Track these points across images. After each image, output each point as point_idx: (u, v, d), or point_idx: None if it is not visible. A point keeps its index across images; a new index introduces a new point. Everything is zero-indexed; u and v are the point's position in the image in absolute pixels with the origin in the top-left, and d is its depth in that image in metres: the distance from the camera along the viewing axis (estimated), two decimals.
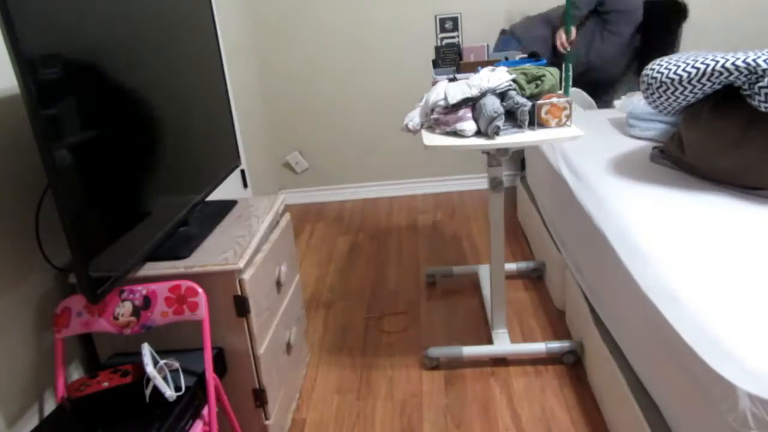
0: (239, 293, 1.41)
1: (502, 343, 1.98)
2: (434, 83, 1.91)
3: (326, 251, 2.95)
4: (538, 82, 1.67)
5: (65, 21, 1.12)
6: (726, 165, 1.67)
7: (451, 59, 2.24)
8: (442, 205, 3.42)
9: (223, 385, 1.41)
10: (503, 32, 3.14)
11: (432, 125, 1.77)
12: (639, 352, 1.41)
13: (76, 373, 1.45)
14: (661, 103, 1.75)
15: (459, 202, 3.44)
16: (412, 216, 3.29)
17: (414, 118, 1.84)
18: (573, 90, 2.86)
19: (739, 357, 1.03)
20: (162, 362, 1.24)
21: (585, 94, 2.90)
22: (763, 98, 1.50)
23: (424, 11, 3.28)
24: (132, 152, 1.33)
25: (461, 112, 1.67)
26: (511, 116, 1.66)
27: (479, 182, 3.60)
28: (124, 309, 1.28)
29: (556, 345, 1.91)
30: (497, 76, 1.68)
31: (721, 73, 1.56)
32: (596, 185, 1.86)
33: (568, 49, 2.78)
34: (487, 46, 2.21)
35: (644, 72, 1.75)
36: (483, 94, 1.65)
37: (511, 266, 2.48)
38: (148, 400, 1.20)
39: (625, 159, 2.05)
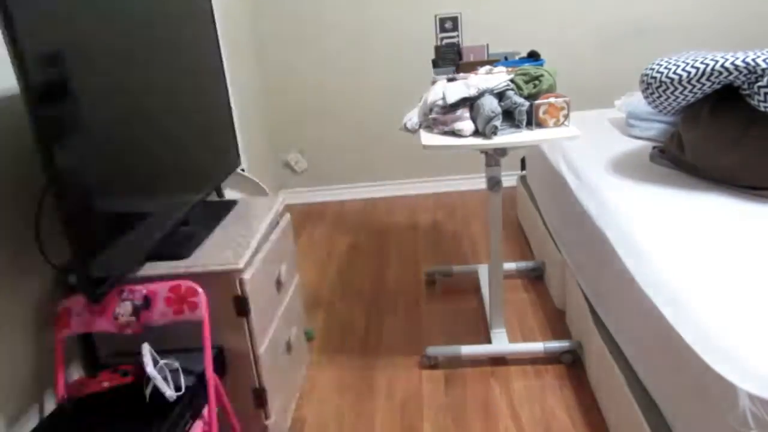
0: (239, 293, 1.41)
1: (501, 343, 1.98)
2: (434, 83, 1.91)
3: (326, 251, 2.95)
4: (536, 82, 1.67)
5: (65, 21, 1.12)
6: (726, 165, 1.67)
7: (450, 59, 2.24)
8: (442, 205, 3.42)
9: (223, 385, 1.41)
10: None
11: (430, 125, 1.77)
12: (639, 352, 1.41)
13: (76, 373, 1.45)
14: (661, 103, 1.75)
15: (459, 201, 3.44)
16: (412, 216, 3.29)
17: (413, 118, 1.84)
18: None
19: (739, 357, 1.03)
20: (162, 362, 1.24)
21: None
22: (762, 98, 1.50)
23: (424, 11, 3.28)
24: (132, 152, 1.33)
25: (459, 112, 1.67)
26: (509, 116, 1.66)
27: (479, 182, 3.60)
28: (124, 309, 1.28)
29: (554, 345, 1.92)
30: (495, 76, 1.69)
31: (720, 73, 1.56)
32: (596, 185, 1.86)
33: None
34: (487, 46, 2.21)
35: (644, 72, 1.75)
36: (481, 94, 1.65)
37: (510, 266, 2.48)
38: (148, 400, 1.20)
39: (625, 159, 2.05)
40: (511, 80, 1.67)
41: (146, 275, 1.38)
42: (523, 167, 2.91)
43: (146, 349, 1.22)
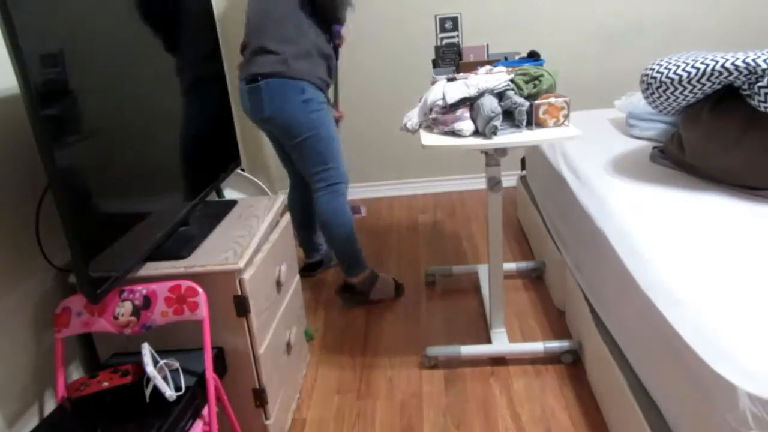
0: (239, 293, 1.41)
1: (501, 343, 1.98)
2: (434, 83, 1.91)
3: None
4: (536, 82, 1.67)
5: (65, 21, 1.12)
6: (726, 165, 1.67)
7: (450, 59, 2.24)
8: (442, 205, 3.42)
9: (223, 385, 1.41)
10: None
11: (430, 125, 1.77)
12: (639, 352, 1.41)
13: (76, 373, 1.45)
14: (661, 103, 1.75)
15: (459, 202, 3.44)
16: (412, 216, 3.29)
17: (413, 118, 1.84)
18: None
19: (739, 357, 1.03)
20: (162, 362, 1.24)
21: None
22: (762, 98, 1.50)
23: (424, 11, 3.28)
24: (132, 152, 1.33)
25: (459, 112, 1.67)
26: (509, 116, 1.66)
27: (479, 182, 3.60)
28: (124, 309, 1.28)
29: (554, 345, 1.92)
30: (495, 76, 1.69)
31: (720, 73, 1.56)
32: (596, 185, 1.86)
33: None
34: (487, 46, 2.21)
35: (644, 72, 1.75)
36: (481, 94, 1.65)
37: (511, 266, 2.49)
38: (148, 400, 1.20)
39: (625, 159, 2.05)
40: (511, 80, 1.67)
41: (146, 275, 1.38)
42: (523, 167, 2.91)
43: (146, 349, 1.22)
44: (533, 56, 2.07)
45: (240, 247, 1.48)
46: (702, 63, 1.59)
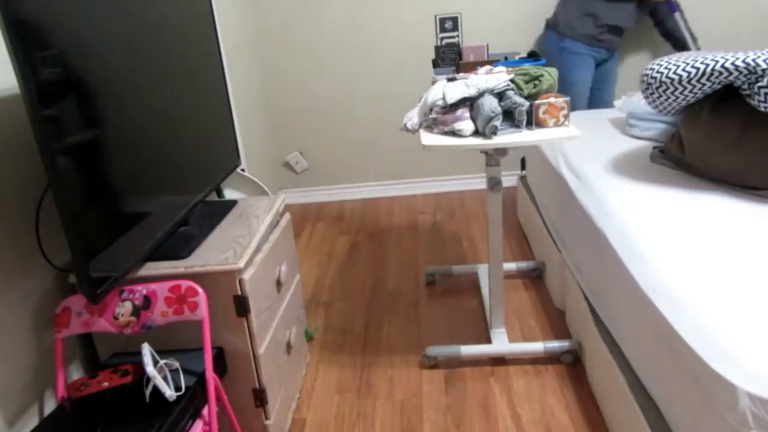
0: (239, 293, 1.41)
1: (501, 343, 1.98)
2: (434, 83, 1.91)
3: (326, 251, 2.95)
4: (536, 82, 1.67)
5: (65, 21, 1.12)
6: (726, 165, 1.67)
7: (450, 59, 2.25)
8: (442, 205, 3.42)
9: (223, 385, 1.41)
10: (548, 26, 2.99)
11: (430, 125, 1.77)
12: (639, 352, 1.41)
13: (76, 373, 1.45)
14: (661, 103, 1.75)
15: (459, 202, 3.44)
16: (412, 216, 3.29)
17: (413, 118, 1.84)
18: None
19: (739, 357, 1.03)
20: (162, 362, 1.24)
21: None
22: (762, 98, 1.50)
23: (424, 11, 3.28)
24: (132, 152, 1.33)
25: (459, 112, 1.67)
26: (509, 116, 1.66)
27: (479, 182, 3.60)
28: (124, 309, 1.28)
29: (554, 345, 1.92)
30: (495, 76, 1.69)
31: (720, 73, 1.56)
32: (596, 185, 1.86)
33: None
34: (487, 46, 2.21)
35: (644, 72, 1.75)
36: (481, 94, 1.65)
37: (510, 266, 2.49)
38: (148, 400, 1.20)
39: (625, 159, 2.05)
40: (511, 80, 1.67)
41: (146, 275, 1.38)
42: (523, 167, 2.91)
43: (146, 349, 1.22)
44: (533, 56, 2.08)
45: (240, 247, 1.48)
46: (702, 63, 1.59)
